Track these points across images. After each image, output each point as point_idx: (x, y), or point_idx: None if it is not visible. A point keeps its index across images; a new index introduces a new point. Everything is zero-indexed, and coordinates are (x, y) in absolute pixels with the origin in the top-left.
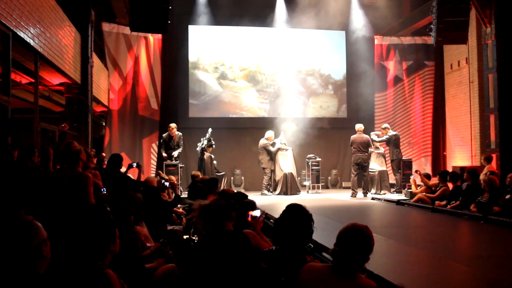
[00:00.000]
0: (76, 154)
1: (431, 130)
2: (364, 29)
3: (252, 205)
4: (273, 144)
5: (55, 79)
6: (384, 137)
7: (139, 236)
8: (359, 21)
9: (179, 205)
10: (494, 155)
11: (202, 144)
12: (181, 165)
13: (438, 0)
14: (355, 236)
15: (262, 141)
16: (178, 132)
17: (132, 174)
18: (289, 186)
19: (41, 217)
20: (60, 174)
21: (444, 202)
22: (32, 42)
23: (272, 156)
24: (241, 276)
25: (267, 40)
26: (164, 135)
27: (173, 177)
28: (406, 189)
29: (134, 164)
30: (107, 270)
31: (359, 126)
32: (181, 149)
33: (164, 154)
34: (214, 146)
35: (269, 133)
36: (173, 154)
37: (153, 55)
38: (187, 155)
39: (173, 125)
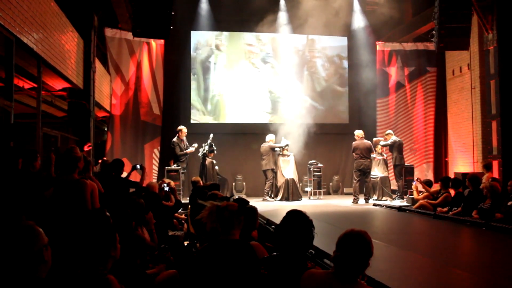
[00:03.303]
0: (74, 160)
1: (433, 136)
2: (366, 35)
3: (254, 210)
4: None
5: (58, 84)
6: (389, 141)
7: (143, 236)
8: (361, 27)
9: (180, 211)
10: (495, 162)
11: (204, 150)
12: (182, 171)
13: (440, 6)
14: (354, 241)
15: (266, 145)
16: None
17: (135, 178)
18: (291, 192)
19: (42, 222)
20: (57, 179)
21: (446, 209)
22: (35, 48)
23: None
24: (244, 287)
25: (269, 46)
26: (175, 139)
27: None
28: (407, 195)
29: (138, 166)
30: (108, 276)
31: (359, 133)
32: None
33: (191, 148)
34: (215, 151)
35: (270, 136)
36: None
37: (155, 61)
38: (189, 161)
39: (184, 128)
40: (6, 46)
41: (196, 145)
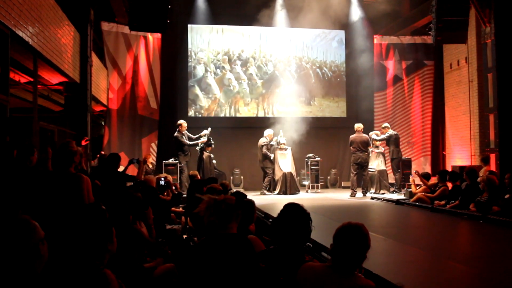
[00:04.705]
0: (70, 154)
1: (431, 130)
2: (363, 28)
3: (251, 204)
4: (269, 150)
5: (54, 79)
6: (384, 136)
7: (141, 230)
8: (358, 20)
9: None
10: (493, 155)
11: (201, 144)
12: (180, 165)
13: None
14: (351, 234)
15: (262, 140)
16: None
17: (132, 172)
18: (289, 185)
19: (38, 216)
20: (53, 173)
21: (443, 202)
22: (30, 41)
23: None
24: (242, 281)
25: (267, 40)
26: (177, 133)
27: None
28: (405, 188)
29: (135, 160)
30: (105, 270)
31: (358, 126)
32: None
33: (204, 138)
34: (213, 145)
35: (268, 131)
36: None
37: (152, 55)
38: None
39: (184, 122)
40: (1, 40)
41: (206, 132)
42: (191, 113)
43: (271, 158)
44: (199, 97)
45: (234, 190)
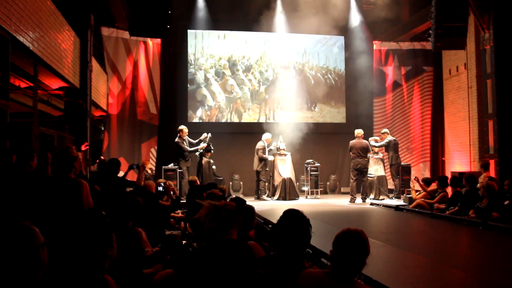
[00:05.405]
0: (70, 159)
1: (430, 136)
2: (362, 34)
3: (251, 210)
4: (265, 151)
5: (54, 84)
6: (383, 142)
7: (140, 234)
8: (357, 26)
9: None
10: (492, 161)
11: (201, 149)
12: (180, 170)
13: (437, 5)
14: (350, 240)
15: (259, 144)
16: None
17: (132, 178)
18: (288, 191)
19: (38, 221)
20: (53, 179)
21: (443, 205)
22: (31, 46)
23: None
24: (242, 287)
25: (266, 45)
26: (177, 139)
27: (171, 182)
28: (405, 194)
29: (135, 166)
30: (105, 276)
31: (358, 132)
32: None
33: (204, 143)
34: (212, 151)
35: (266, 135)
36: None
37: (152, 60)
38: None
39: (185, 128)
40: (2, 45)
41: (206, 135)
42: (196, 119)
43: (266, 161)
44: (199, 102)
45: (234, 196)
